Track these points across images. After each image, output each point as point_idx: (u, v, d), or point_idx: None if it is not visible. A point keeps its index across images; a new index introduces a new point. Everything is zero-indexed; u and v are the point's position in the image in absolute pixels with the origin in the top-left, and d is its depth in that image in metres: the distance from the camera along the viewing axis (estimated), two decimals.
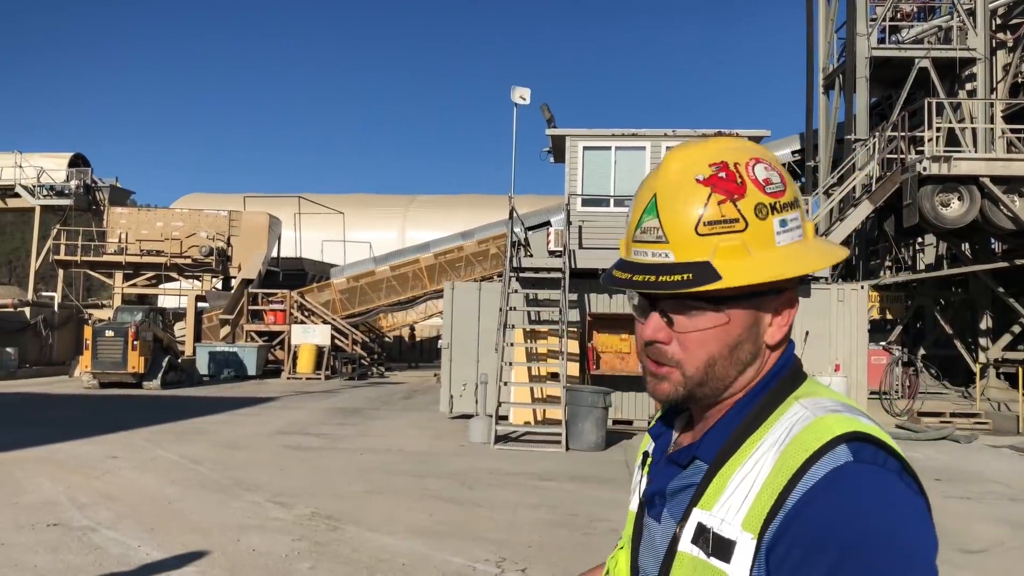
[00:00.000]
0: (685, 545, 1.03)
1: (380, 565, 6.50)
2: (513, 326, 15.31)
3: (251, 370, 29.10)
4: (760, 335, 1.08)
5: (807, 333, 16.01)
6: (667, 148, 16.17)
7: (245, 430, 14.84)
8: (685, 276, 1.01)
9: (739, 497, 0.99)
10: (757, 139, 16.95)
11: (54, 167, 37.18)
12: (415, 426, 15.93)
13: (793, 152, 30.70)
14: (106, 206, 35.95)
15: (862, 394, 16.18)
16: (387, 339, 38.99)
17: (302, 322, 31.17)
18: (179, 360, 26.92)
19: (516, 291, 16.09)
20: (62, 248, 34.24)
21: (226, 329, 31.31)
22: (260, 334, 31.42)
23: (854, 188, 19.59)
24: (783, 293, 1.08)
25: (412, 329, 40.87)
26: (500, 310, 14.80)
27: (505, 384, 14.42)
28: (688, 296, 1.03)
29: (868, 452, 0.96)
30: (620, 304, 16.06)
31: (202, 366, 28.87)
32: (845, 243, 20.67)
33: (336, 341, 31.17)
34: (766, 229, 1.04)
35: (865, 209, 18.92)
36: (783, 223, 1.05)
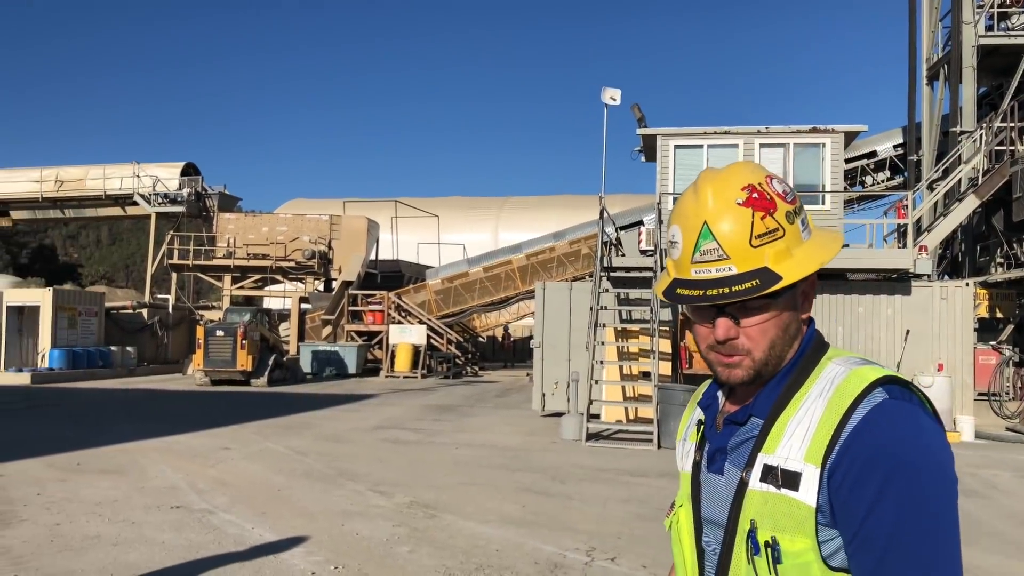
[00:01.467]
0: (754, 484, 1.27)
1: (475, 550, 6.81)
2: (604, 325, 15.45)
3: (351, 368, 30.11)
4: (799, 313, 1.34)
5: (908, 332, 15.59)
6: (760, 145, 16.06)
7: (347, 424, 15.49)
8: (754, 282, 1.24)
9: (798, 439, 1.24)
10: (854, 134, 16.60)
11: (168, 176, 39.29)
12: (508, 423, 16.27)
13: (895, 146, 29.72)
14: (215, 212, 37.75)
15: (968, 395, 15.62)
16: (481, 339, 39.60)
17: (399, 322, 32.03)
18: (284, 359, 28.09)
19: (607, 290, 16.23)
20: (175, 253, 36.17)
21: (328, 329, 32.46)
22: (360, 334, 32.45)
23: (959, 181, 18.89)
24: (809, 276, 1.32)
25: (506, 329, 41.38)
26: (591, 309, 14.97)
27: (596, 382, 14.58)
28: (756, 298, 1.26)
29: (897, 391, 1.22)
30: None
31: (306, 364, 30.05)
32: (949, 239, 19.97)
33: (432, 341, 31.90)
34: (795, 231, 1.30)
35: (971, 203, 18.24)
36: (803, 223, 1.32)
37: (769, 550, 1.23)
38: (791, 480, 1.22)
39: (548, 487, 9.70)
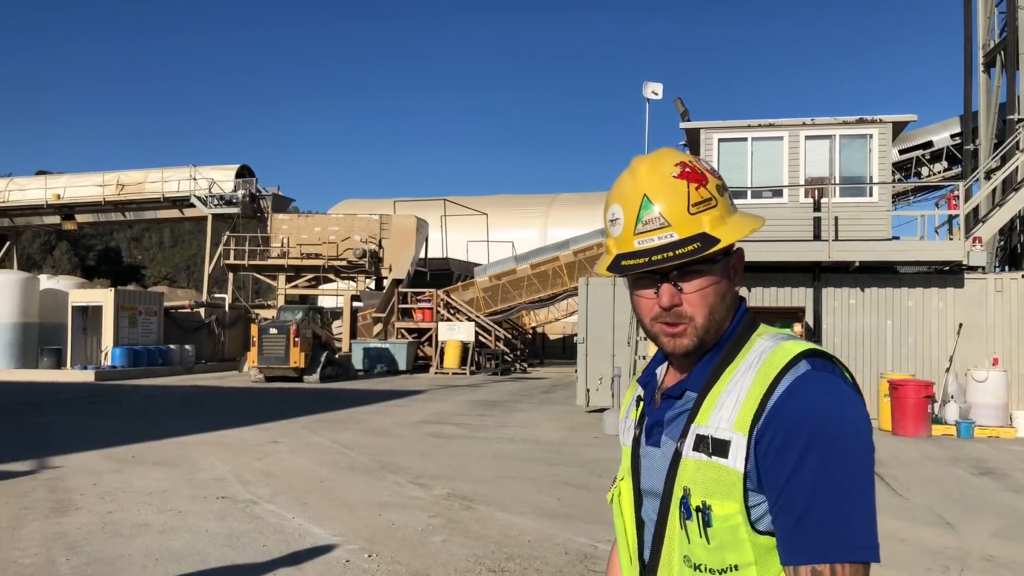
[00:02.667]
0: (688, 454, 1.34)
1: (507, 541, 6.92)
2: None
3: (401, 365, 30.52)
4: (733, 284, 1.42)
5: (960, 325, 15.23)
6: (805, 137, 15.85)
7: (393, 419, 15.75)
8: (696, 245, 1.32)
9: (727, 409, 1.31)
10: (903, 124, 16.26)
11: (223, 178, 40.26)
12: (551, 418, 16.35)
13: (952, 136, 28.96)
14: (269, 213, 38.54)
15: None
16: (529, 336, 39.70)
17: (448, 319, 32.33)
18: (336, 356, 28.60)
19: None
20: (231, 253, 37.05)
21: (378, 327, 32.93)
22: (409, 331, 32.84)
23: (1015, 170, 18.34)
24: (737, 250, 1.42)
25: (552, 325, 41.40)
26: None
27: None
28: (696, 261, 1.33)
29: (820, 363, 1.29)
30: (760, 297, 15.84)
31: (357, 361, 30.55)
32: (1006, 228, 19.40)
33: (480, 338, 32.13)
34: (725, 203, 1.39)
35: None
36: (730, 199, 1.42)
37: (700, 514, 1.29)
38: (721, 448, 1.29)
39: (586, 481, 9.76)
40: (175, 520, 7.50)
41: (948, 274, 15.80)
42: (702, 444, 1.32)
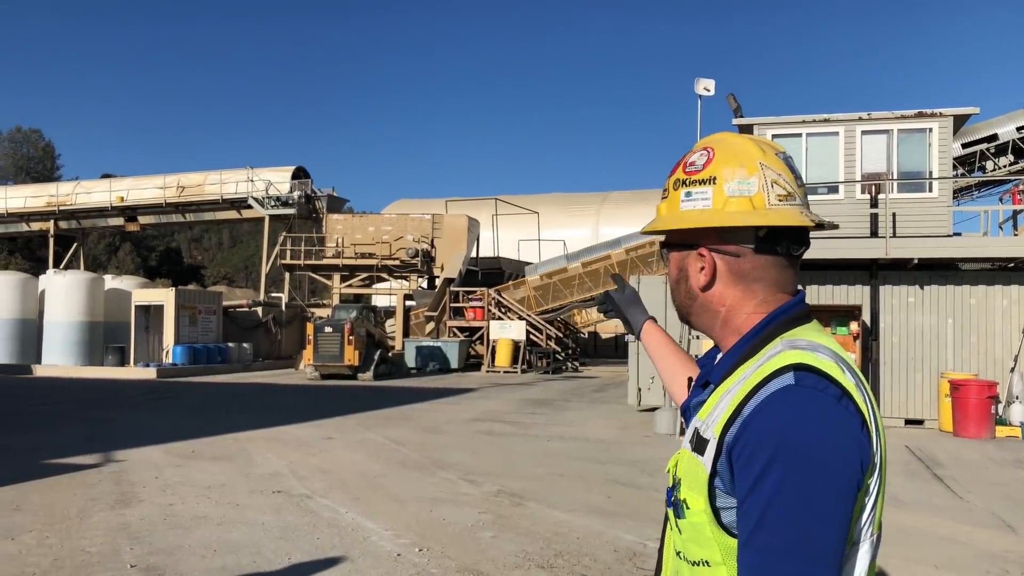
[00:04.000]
0: (684, 444, 1.38)
1: (556, 538, 6.96)
2: None
3: (453, 363, 30.74)
4: (690, 279, 1.44)
5: None
6: (861, 132, 15.55)
7: (444, 417, 15.90)
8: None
9: (720, 409, 1.30)
10: (964, 117, 15.83)
11: (279, 180, 41.03)
12: (602, 417, 16.33)
13: (1018, 128, 28.09)
14: (324, 214, 39.16)
15: None
16: (581, 335, 39.63)
17: (499, 318, 32.45)
18: (389, 354, 28.94)
19: None
20: (288, 253, 37.75)
21: (431, 325, 33.22)
22: (461, 330, 33.06)
23: None
24: (695, 248, 1.41)
25: (604, 324, 41.23)
26: None
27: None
28: (662, 244, 1.50)
29: (810, 379, 1.21)
30: (815, 295, 15.58)
31: (410, 359, 30.86)
32: None
33: (531, 336, 32.18)
34: (676, 197, 1.44)
35: None
36: (688, 194, 1.41)
37: (675, 506, 1.34)
38: (701, 445, 1.29)
39: (636, 479, 9.74)
40: (232, 513, 7.70)
41: (1013, 271, 15.33)
42: (693, 438, 1.33)
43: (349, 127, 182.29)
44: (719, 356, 1.44)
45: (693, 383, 1.54)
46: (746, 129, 17.00)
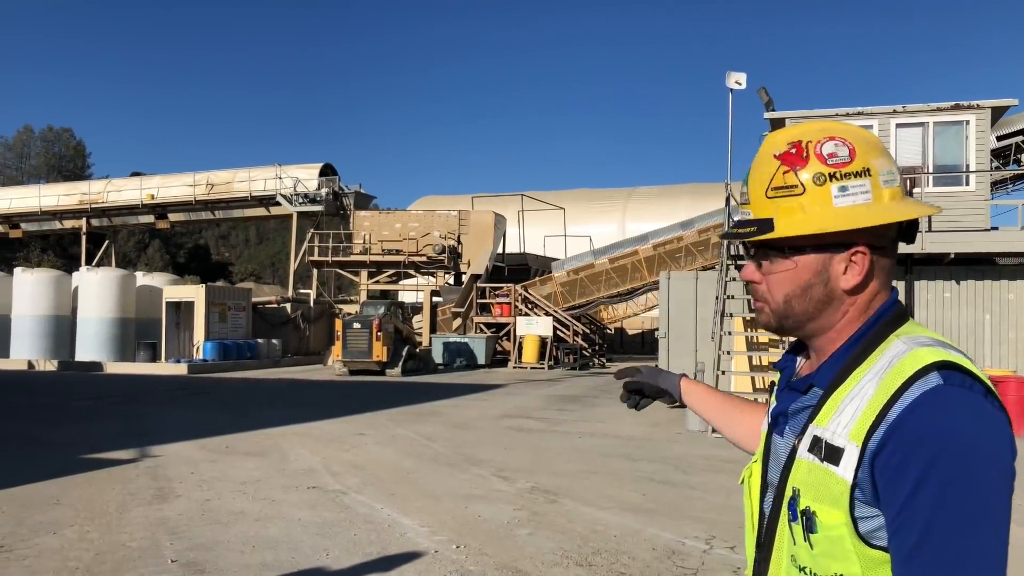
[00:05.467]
0: (803, 453, 1.28)
1: (593, 535, 6.92)
2: (731, 315, 15.17)
3: (480, 359, 30.77)
4: (831, 281, 1.32)
5: None
6: (896, 125, 15.31)
7: (473, 413, 15.90)
8: (752, 229, 1.31)
9: (847, 415, 1.23)
10: (1003, 109, 15.53)
11: (307, 177, 41.27)
12: (632, 414, 16.22)
13: None
14: (351, 211, 39.35)
15: None
16: (608, 331, 39.51)
17: (526, 314, 32.42)
18: (417, 350, 29.03)
19: (734, 279, 15.90)
20: (315, 250, 37.97)
21: (457, 321, 33.28)
22: (488, 326, 33.08)
23: None
24: (850, 247, 1.30)
25: (631, 320, 41.06)
26: (716, 298, 14.73)
27: (723, 373, 14.35)
28: (765, 246, 1.32)
29: (956, 378, 1.16)
30: None
31: (437, 355, 30.94)
32: None
33: (558, 332, 32.12)
34: (822, 193, 1.29)
35: None
36: (843, 188, 1.29)
37: (804, 518, 1.24)
38: (833, 455, 1.21)
39: (670, 476, 9.67)
40: (269, 509, 7.74)
41: None
42: (816, 447, 1.25)
43: (376, 124, 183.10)
44: (821, 358, 1.36)
45: (777, 387, 1.49)
46: (778, 123, 16.82)
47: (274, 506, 7.86)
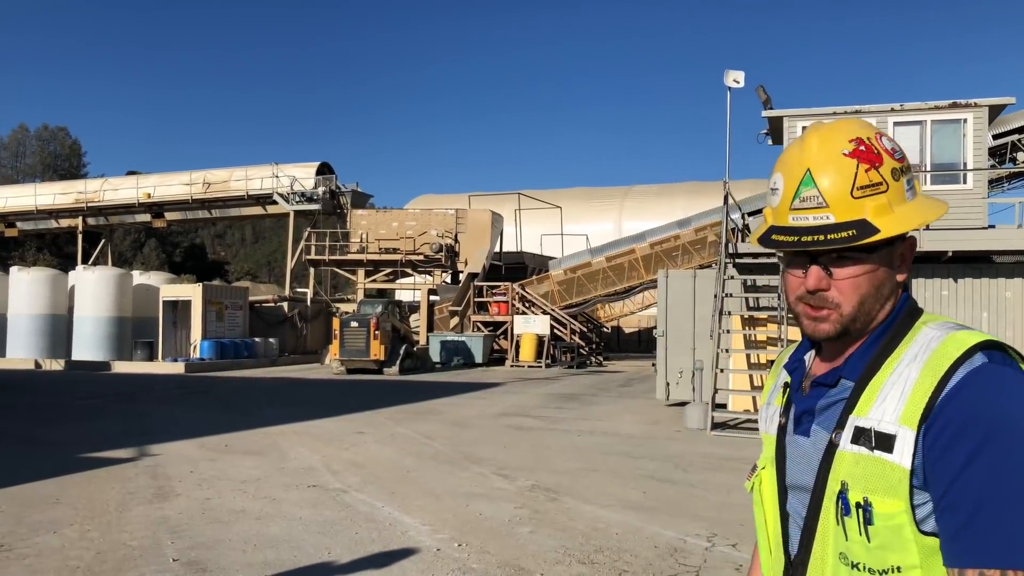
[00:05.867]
0: (845, 446, 1.26)
1: (595, 533, 6.92)
2: (730, 313, 15.18)
3: (478, 358, 30.77)
4: (895, 274, 1.34)
5: None
6: (894, 123, 15.33)
7: (472, 411, 15.90)
8: (850, 232, 1.25)
9: (892, 401, 1.24)
10: (1000, 108, 15.55)
11: (304, 176, 41.22)
12: (631, 412, 16.25)
13: None
14: (348, 209, 39.32)
15: None
16: (605, 329, 39.53)
17: (523, 313, 32.43)
18: (415, 348, 29.02)
19: (732, 277, 15.91)
20: (312, 249, 37.91)
21: (455, 320, 33.27)
22: (485, 324, 33.08)
23: None
24: (907, 238, 1.34)
25: (628, 318, 41.09)
26: (715, 296, 14.74)
27: (721, 371, 14.36)
28: (849, 249, 1.28)
29: (998, 356, 1.20)
30: None
31: (434, 354, 30.93)
32: None
33: (555, 331, 32.14)
34: (900, 188, 1.30)
35: None
36: (908, 183, 1.32)
37: (861, 511, 1.22)
38: (885, 442, 1.21)
39: (670, 474, 9.68)
40: (270, 507, 7.73)
41: None
42: (863, 437, 1.24)
43: (373, 123, 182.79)
44: (842, 352, 1.35)
45: (790, 385, 1.45)
46: (776, 121, 16.84)
47: (275, 505, 7.85)
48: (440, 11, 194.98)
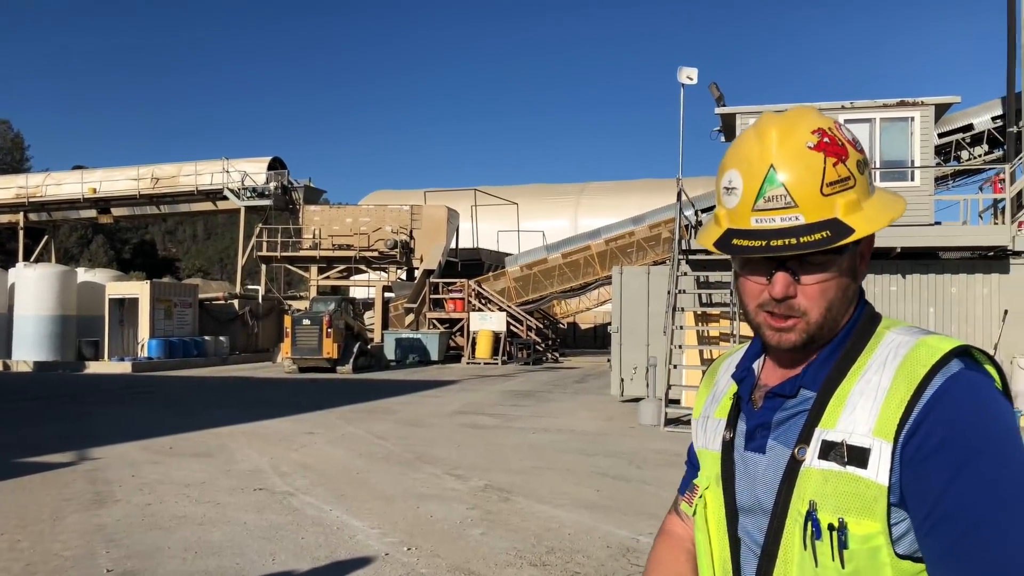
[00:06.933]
0: (812, 462, 1.15)
1: (547, 534, 6.81)
2: (683, 309, 15.22)
3: (433, 355, 30.55)
4: (858, 276, 1.23)
5: (1006, 312, 14.83)
6: (844, 121, 15.50)
7: (427, 410, 15.72)
8: (824, 234, 1.13)
9: (863, 411, 1.13)
10: (945, 106, 15.83)
11: (255, 171, 40.50)
12: (586, 408, 16.22)
13: (993, 118, 28.23)
14: (301, 205, 38.72)
15: None
16: (561, 325, 39.57)
17: (479, 310, 32.29)
18: (369, 346, 28.69)
19: (686, 274, 15.95)
20: (264, 245, 37.29)
21: (410, 317, 32.98)
22: (441, 321, 32.86)
23: None
24: (868, 236, 1.20)
25: (584, 315, 41.20)
26: (668, 293, 14.77)
27: (675, 367, 14.38)
28: (821, 252, 1.15)
29: (972, 363, 1.13)
30: None
31: (389, 352, 30.63)
32: None
33: (512, 327, 32.05)
34: (865, 183, 1.19)
35: None
36: (870, 176, 1.21)
37: (835, 534, 1.11)
38: (858, 457, 1.11)
39: (624, 472, 9.63)
40: (213, 512, 7.48)
41: (993, 259, 15.39)
42: (833, 452, 1.13)
43: (326, 117, 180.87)
44: (796, 361, 1.24)
45: (741, 395, 1.31)
46: (729, 118, 16.94)
47: (219, 509, 7.60)
48: (394, 4, 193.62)
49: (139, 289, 30.61)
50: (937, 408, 1.08)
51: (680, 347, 14.74)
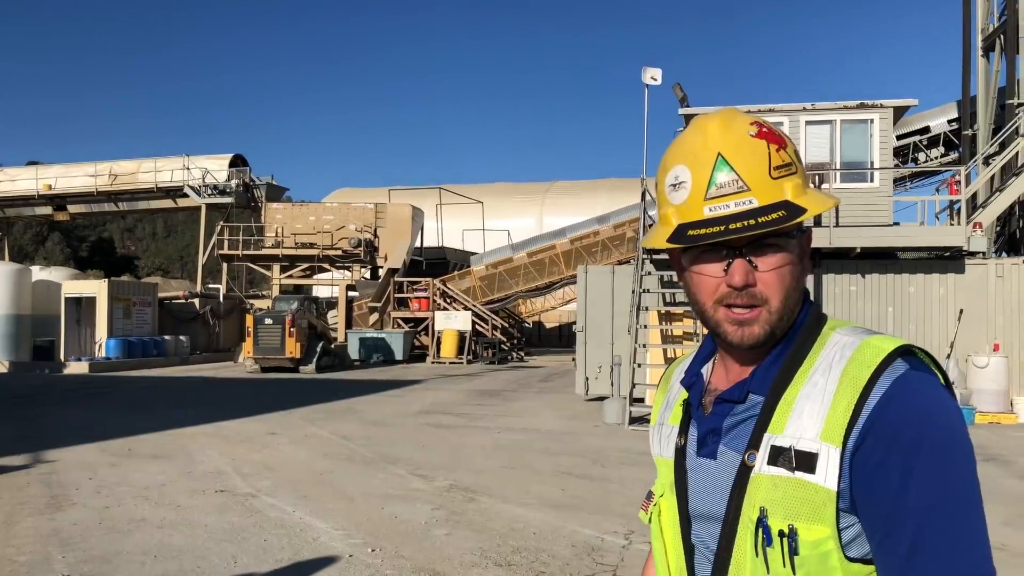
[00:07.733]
0: (761, 468, 1.14)
1: (512, 533, 6.81)
2: (647, 308, 15.31)
3: (398, 355, 30.39)
4: (806, 267, 1.23)
5: (961, 311, 15.14)
6: (806, 122, 15.72)
7: (391, 410, 15.63)
8: (780, 213, 1.12)
9: (811, 415, 1.12)
10: (903, 109, 16.13)
11: (216, 168, 39.92)
12: (551, 407, 16.25)
13: (949, 121, 28.83)
14: (263, 203, 38.25)
15: None
16: (527, 324, 39.61)
17: (444, 309, 32.19)
18: (332, 346, 28.45)
19: (650, 273, 16.05)
20: (225, 243, 36.76)
21: (374, 316, 32.78)
22: (406, 320, 32.70)
23: (1016, 155, 18.26)
24: (806, 231, 1.22)
25: (549, 313, 41.28)
26: (632, 292, 14.85)
27: (639, 366, 14.46)
28: (776, 234, 1.15)
29: (917, 363, 1.13)
30: None
31: (353, 351, 30.39)
32: (1007, 216, 19.32)
33: (477, 327, 32.00)
34: (803, 171, 1.21)
35: None
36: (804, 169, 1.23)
37: (785, 540, 1.10)
38: (806, 462, 1.10)
39: (589, 471, 9.66)
40: (173, 515, 7.36)
41: (949, 260, 15.71)
42: (781, 457, 1.12)
43: (289, 115, 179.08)
44: (745, 364, 1.22)
45: (691, 401, 1.30)
46: (692, 118, 17.05)
47: (179, 512, 7.48)
48: (365, 2, 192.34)
49: (97, 288, 30.01)
50: (885, 412, 1.08)
51: (644, 346, 14.82)
